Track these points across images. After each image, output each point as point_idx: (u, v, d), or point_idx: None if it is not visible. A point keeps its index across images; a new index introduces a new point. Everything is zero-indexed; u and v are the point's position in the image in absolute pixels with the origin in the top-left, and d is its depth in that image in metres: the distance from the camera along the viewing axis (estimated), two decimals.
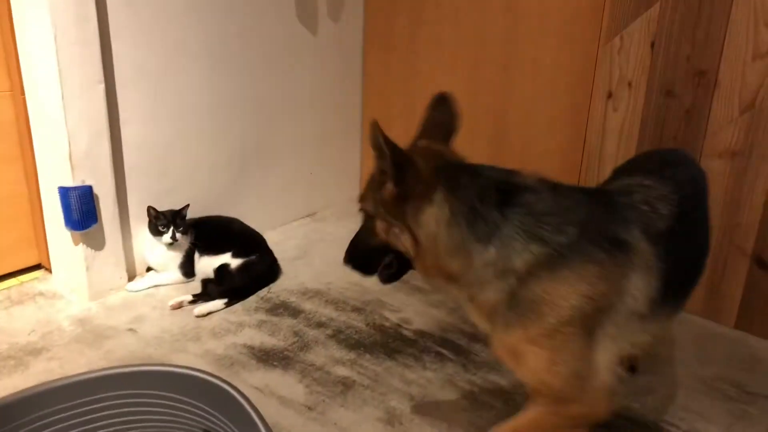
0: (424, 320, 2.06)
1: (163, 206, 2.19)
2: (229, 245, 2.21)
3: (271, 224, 2.69)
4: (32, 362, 1.77)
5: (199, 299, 2.10)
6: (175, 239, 2.14)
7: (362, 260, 1.28)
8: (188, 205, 2.23)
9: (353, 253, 1.28)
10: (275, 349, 1.87)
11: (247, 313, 2.07)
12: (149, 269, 2.30)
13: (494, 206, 1.13)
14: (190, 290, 2.16)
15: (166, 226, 2.13)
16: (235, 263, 2.17)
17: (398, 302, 2.17)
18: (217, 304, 2.08)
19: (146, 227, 2.20)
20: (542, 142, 2.43)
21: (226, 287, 2.14)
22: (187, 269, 2.24)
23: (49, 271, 2.26)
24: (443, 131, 1.27)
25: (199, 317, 2.03)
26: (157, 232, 2.15)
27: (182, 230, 2.16)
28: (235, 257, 2.18)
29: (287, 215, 2.82)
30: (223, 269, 2.17)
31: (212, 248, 2.21)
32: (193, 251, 2.24)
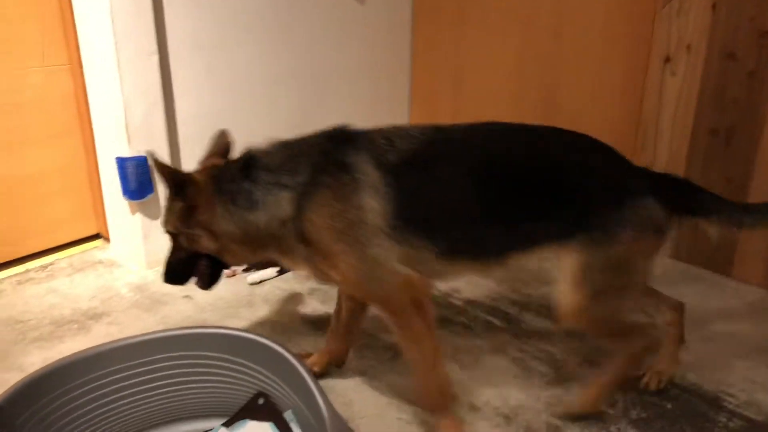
0: (473, 289, 2.05)
1: None
2: None
3: None
4: (93, 326, 1.84)
5: (251, 267, 2.13)
6: None
7: (179, 273, 1.46)
8: None
9: (169, 271, 1.46)
10: (326, 316, 1.90)
11: (298, 281, 2.10)
12: None
13: (243, 180, 1.34)
14: None
15: None
16: None
17: None
18: (269, 272, 2.11)
19: None
20: (594, 112, 2.36)
21: None
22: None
23: (107, 240, 2.33)
24: (224, 149, 1.50)
25: (252, 285, 2.07)
26: None
27: None
28: None
29: None
30: None
31: None
32: None
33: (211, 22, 2.17)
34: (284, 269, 2.13)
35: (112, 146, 2.08)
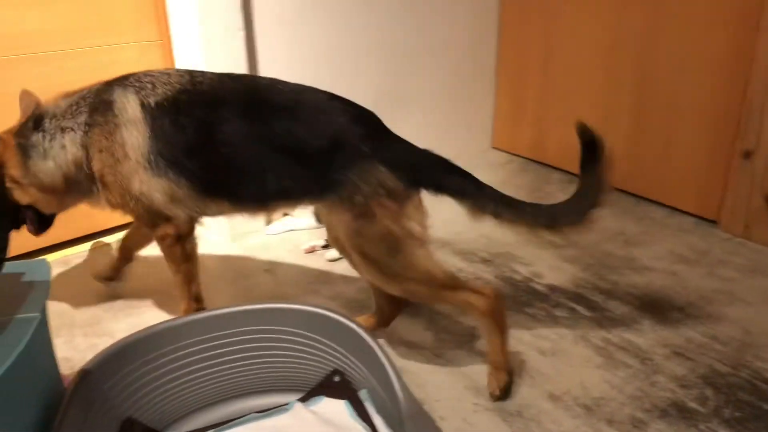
0: (556, 275, 1.98)
1: None
2: None
3: None
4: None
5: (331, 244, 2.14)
6: None
7: (8, 222, 1.49)
8: None
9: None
10: None
11: None
12: (286, 214, 2.38)
13: (34, 133, 1.47)
14: (323, 235, 2.22)
15: None
16: None
17: (530, 256, 2.10)
18: None
19: None
20: (693, 91, 2.22)
21: None
22: (320, 215, 2.29)
23: None
24: (33, 107, 1.53)
25: (330, 261, 2.08)
26: None
27: None
28: None
29: None
30: None
31: None
32: None
33: None
34: None
35: None
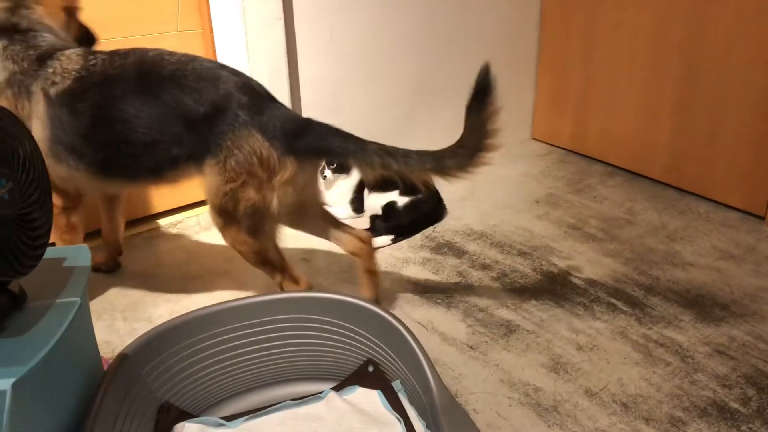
0: (595, 269, 1.95)
1: None
2: (396, 183, 2.22)
3: None
4: (217, 283, 1.92)
5: None
6: (323, 176, 2.19)
7: None
8: None
9: None
10: (439, 287, 1.87)
11: (412, 250, 2.09)
12: None
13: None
14: (358, 225, 2.21)
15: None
16: (402, 201, 2.19)
17: (568, 249, 2.07)
18: (383, 239, 2.12)
19: None
20: (740, 84, 2.14)
21: (392, 224, 2.17)
22: (356, 205, 2.29)
23: None
24: None
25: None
26: None
27: (334, 168, 2.21)
28: (402, 195, 2.20)
29: None
30: (390, 206, 2.19)
31: (380, 185, 2.24)
32: (362, 188, 2.28)
33: None
34: (398, 238, 2.13)
35: None
